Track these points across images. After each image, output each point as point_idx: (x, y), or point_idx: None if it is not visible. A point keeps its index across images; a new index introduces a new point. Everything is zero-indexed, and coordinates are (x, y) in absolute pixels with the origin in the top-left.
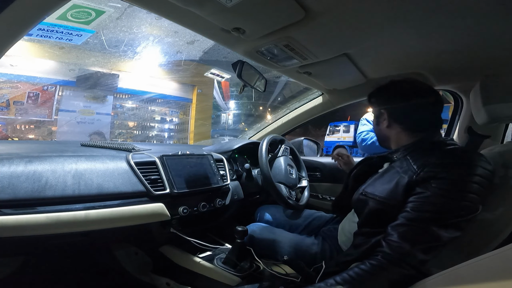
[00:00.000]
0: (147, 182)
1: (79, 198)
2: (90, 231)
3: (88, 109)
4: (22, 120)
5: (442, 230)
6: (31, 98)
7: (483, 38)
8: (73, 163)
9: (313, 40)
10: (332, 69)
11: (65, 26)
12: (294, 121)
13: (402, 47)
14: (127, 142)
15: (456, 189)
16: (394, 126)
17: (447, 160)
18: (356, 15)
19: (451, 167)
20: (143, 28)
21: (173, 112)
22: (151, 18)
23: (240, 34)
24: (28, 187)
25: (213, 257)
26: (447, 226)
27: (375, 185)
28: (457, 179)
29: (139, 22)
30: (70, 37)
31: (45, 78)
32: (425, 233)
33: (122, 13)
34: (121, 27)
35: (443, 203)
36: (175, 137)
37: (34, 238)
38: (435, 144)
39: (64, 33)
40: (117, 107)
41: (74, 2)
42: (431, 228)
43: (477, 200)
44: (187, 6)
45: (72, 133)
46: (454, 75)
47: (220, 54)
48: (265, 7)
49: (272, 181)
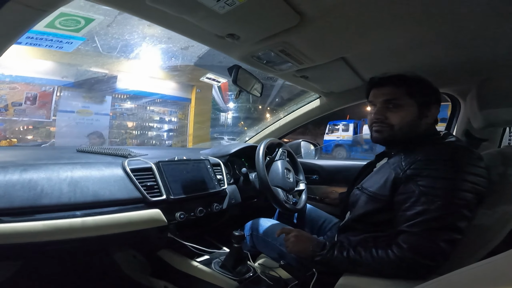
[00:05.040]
0: (143, 188)
1: (75, 206)
2: (88, 237)
3: (86, 109)
4: (21, 121)
5: (439, 233)
6: (29, 99)
7: (480, 41)
8: (69, 171)
9: (309, 45)
10: (329, 73)
11: (54, 34)
12: (292, 123)
13: (400, 50)
14: (123, 148)
15: (443, 187)
16: (423, 118)
17: (433, 156)
18: (352, 20)
19: (436, 164)
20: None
21: (172, 112)
22: (143, 24)
23: (235, 40)
24: (23, 195)
25: (211, 261)
26: (441, 229)
27: (370, 180)
28: (443, 176)
29: (131, 29)
30: (61, 44)
31: (43, 78)
32: (425, 240)
33: (113, 20)
34: (113, 34)
35: (433, 202)
36: (174, 138)
37: (31, 244)
38: (434, 136)
39: (54, 41)
40: (115, 107)
41: (61, 11)
42: (429, 232)
43: (471, 198)
44: (179, 14)
45: (70, 133)
46: (452, 78)
47: (215, 59)
48: (259, 13)
49: (269, 185)
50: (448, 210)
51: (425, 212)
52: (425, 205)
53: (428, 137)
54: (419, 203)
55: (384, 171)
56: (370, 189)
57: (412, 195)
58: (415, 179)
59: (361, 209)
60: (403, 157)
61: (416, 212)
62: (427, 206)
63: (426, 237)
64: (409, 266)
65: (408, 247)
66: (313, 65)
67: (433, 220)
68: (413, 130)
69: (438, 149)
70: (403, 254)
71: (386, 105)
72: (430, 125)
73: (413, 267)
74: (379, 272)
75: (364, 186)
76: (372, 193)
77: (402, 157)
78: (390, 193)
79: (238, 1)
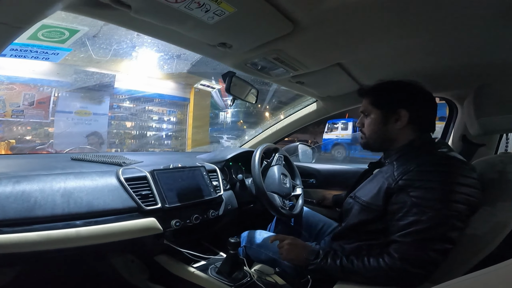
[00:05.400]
0: (138, 197)
1: (69, 217)
2: (83, 246)
3: (84, 110)
4: (19, 122)
5: (430, 243)
6: (27, 100)
7: (478, 47)
8: (62, 182)
9: (304, 52)
10: (325, 78)
11: (38, 46)
12: (289, 127)
13: (396, 56)
14: (118, 155)
15: (435, 198)
16: (409, 126)
17: (425, 167)
18: (347, 27)
19: (428, 175)
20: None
21: (171, 112)
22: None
23: (227, 49)
24: (17, 207)
25: (207, 266)
26: (433, 239)
27: (363, 189)
28: (435, 187)
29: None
30: (47, 55)
31: (41, 79)
32: (416, 250)
33: (99, 31)
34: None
35: (424, 213)
36: (173, 138)
37: (28, 254)
38: (427, 145)
39: (40, 52)
40: (114, 108)
41: (43, 23)
42: (420, 242)
43: (463, 209)
44: (166, 25)
45: (69, 134)
46: (449, 82)
47: (209, 66)
48: (250, 22)
49: (265, 192)
50: (440, 220)
51: (416, 222)
52: (417, 216)
53: (421, 147)
54: (411, 214)
55: (377, 180)
56: (363, 198)
57: (404, 206)
58: (407, 189)
59: (355, 218)
60: (396, 167)
61: (408, 222)
62: (419, 217)
63: (417, 247)
64: (400, 275)
65: (399, 257)
66: (309, 71)
67: (425, 231)
68: (381, 136)
69: (431, 160)
70: (394, 263)
71: (363, 115)
72: (407, 129)
73: (404, 276)
74: (372, 281)
75: (357, 195)
76: (366, 202)
77: (395, 166)
78: (383, 203)
79: (227, 11)
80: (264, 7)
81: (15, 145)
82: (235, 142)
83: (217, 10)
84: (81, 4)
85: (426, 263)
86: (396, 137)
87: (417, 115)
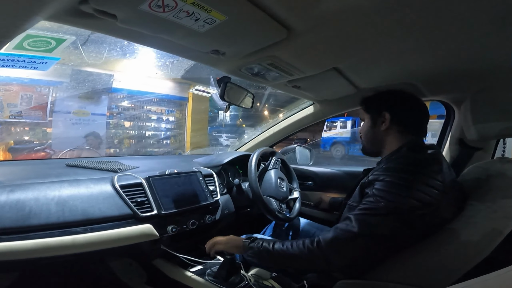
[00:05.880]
0: (134, 204)
1: (64, 225)
2: (79, 253)
3: (82, 110)
4: (17, 122)
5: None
6: (25, 100)
7: (475, 52)
8: (56, 190)
9: (299, 57)
10: (322, 82)
11: (25, 55)
12: (285, 130)
13: (392, 60)
14: (113, 160)
15: (391, 190)
16: (393, 128)
17: (393, 165)
18: (343, 31)
19: (393, 171)
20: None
21: (169, 111)
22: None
23: (220, 55)
24: (12, 216)
25: (205, 271)
26: (369, 235)
27: (354, 194)
28: (395, 182)
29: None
30: (35, 65)
31: (39, 79)
32: (356, 240)
33: (87, 39)
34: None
35: (378, 202)
36: (172, 138)
37: (24, 261)
38: (415, 148)
39: (27, 62)
40: (112, 108)
41: (27, 33)
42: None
43: (418, 206)
44: (157, 34)
45: (67, 134)
46: (446, 86)
47: (203, 71)
48: (243, 29)
49: (261, 196)
50: (387, 211)
51: (366, 209)
52: (370, 204)
53: (415, 147)
54: (367, 202)
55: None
56: (350, 200)
57: (367, 197)
58: (373, 183)
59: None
60: (376, 167)
61: (359, 208)
62: (371, 205)
63: (342, 234)
64: (311, 258)
65: (323, 239)
66: (305, 76)
67: (369, 216)
68: (371, 139)
69: (400, 159)
70: (312, 245)
71: (362, 123)
72: (393, 131)
73: (312, 259)
74: (295, 262)
75: (349, 201)
76: (351, 201)
77: (376, 167)
78: (360, 199)
79: (218, 19)
80: (257, 14)
81: (14, 146)
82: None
83: (208, 19)
84: (64, 14)
85: (349, 255)
86: (384, 138)
87: (399, 117)
